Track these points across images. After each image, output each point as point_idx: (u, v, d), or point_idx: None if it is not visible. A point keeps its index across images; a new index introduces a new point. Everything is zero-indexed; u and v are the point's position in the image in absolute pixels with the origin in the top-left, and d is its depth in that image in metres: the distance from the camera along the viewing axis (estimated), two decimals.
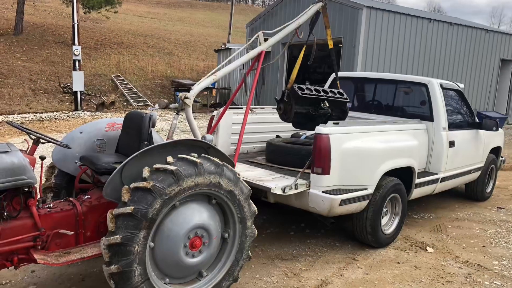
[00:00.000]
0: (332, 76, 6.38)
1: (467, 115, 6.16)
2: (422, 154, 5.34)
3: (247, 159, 5.40)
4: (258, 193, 4.27)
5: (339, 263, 4.42)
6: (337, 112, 5.01)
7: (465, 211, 6.39)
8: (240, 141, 4.34)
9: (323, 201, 4.16)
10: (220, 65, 4.73)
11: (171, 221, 3.08)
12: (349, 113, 5.30)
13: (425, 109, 5.59)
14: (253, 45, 4.80)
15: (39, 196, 3.24)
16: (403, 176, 4.92)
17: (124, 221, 2.83)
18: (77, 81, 15.54)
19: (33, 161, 3.06)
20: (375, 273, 4.23)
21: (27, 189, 2.96)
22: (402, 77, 6.19)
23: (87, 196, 3.45)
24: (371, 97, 6.50)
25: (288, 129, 5.86)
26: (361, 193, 4.40)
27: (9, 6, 26.16)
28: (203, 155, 3.23)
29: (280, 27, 4.95)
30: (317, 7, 4.99)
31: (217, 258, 3.47)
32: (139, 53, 24.03)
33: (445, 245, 5.02)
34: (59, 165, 3.98)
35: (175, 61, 23.80)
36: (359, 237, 4.80)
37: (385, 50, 14.00)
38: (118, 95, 17.95)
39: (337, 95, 4.99)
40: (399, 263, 4.50)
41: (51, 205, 3.24)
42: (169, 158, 3.06)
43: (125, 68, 20.93)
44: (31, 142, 3.31)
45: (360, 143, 4.47)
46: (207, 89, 17.37)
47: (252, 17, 21.98)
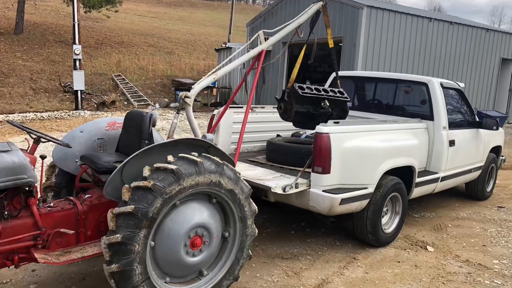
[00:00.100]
0: (332, 75, 6.38)
1: (467, 114, 6.16)
2: (422, 153, 5.34)
3: (248, 158, 5.40)
4: (258, 192, 4.27)
5: (340, 262, 4.43)
6: (337, 111, 5.01)
7: (465, 210, 6.39)
8: (240, 140, 4.34)
9: (323, 200, 4.16)
10: (220, 64, 4.73)
11: (171, 220, 3.08)
12: (350, 112, 5.29)
13: (425, 108, 5.59)
14: (253, 44, 4.79)
15: (39, 195, 3.25)
16: (403, 175, 4.92)
17: (124, 220, 2.84)
18: (78, 80, 15.57)
19: (34, 160, 3.06)
20: (375, 272, 4.23)
21: (27, 188, 2.96)
22: (402, 76, 6.20)
23: (87, 195, 3.45)
24: (372, 96, 6.50)
25: (288, 128, 5.86)
26: (362, 192, 4.40)
27: (9, 5, 26.19)
28: (203, 154, 3.23)
29: (280, 26, 4.95)
30: (317, 6, 4.99)
31: (218, 257, 3.48)
32: (140, 52, 24.03)
33: (445, 244, 5.02)
34: (60, 164, 3.99)
35: (176, 60, 23.79)
36: (359, 236, 4.80)
37: (385, 49, 13.99)
38: (118, 94, 17.96)
39: (338, 94, 4.98)
40: (399, 262, 4.50)
41: (52, 204, 3.24)
42: (170, 157, 3.06)
43: (125, 67, 20.94)
44: (31, 141, 3.31)
45: (360, 142, 4.47)
46: (208, 88, 17.37)
47: (252, 16, 21.98)
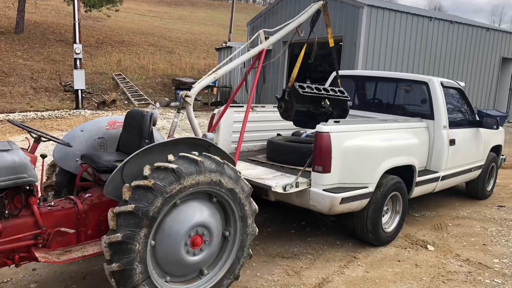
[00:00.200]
0: (333, 74, 6.38)
1: (467, 113, 6.16)
2: (422, 152, 5.33)
3: (248, 157, 5.40)
4: (259, 191, 4.28)
5: (340, 261, 4.43)
6: (338, 110, 5.01)
7: (465, 209, 6.39)
8: (241, 139, 4.34)
9: (323, 199, 4.16)
10: (221, 64, 4.72)
11: (172, 219, 3.08)
12: (350, 112, 5.29)
13: (425, 108, 5.59)
14: (254, 44, 4.80)
15: (40, 194, 3.24)
16: (404, 174, 4.92)
17: (125, 219, 2.84)
18: (78, 80, 15.58)
19: (34, 159, 3.06)
20: (375, 271, 4.24)
21: (28, 187, 2.96)
22: (402, 76, 6.20)
23: (88, 194, 3.46)
24: (372, 95, 6.50)
25: (289, 128, 5.86)
26: (362, 191, 4.40)
27: (10, 4, 26.18)
28: (204, 153, 3.23)
29: (281, 26, 4.95)
30: (318, 5, 4.99)
31: (218, 256, 3.48)
32: (140, 52, 24.03)
33: (445, 243, 5.02)
34: (60, 164, 3.99)
35: (176, 60, 23.79)
36: (360, 235, 4.80)
37: (385, 48, 13.99)
38: (119, 93, 17.97)
39: (338, 93, 4.98)
40: (399, 261, 4.50)
41: (52, 203, 3.24)
42: (170, 156, 3.06)
43: (126, 66, 20.95)
44: (32, 140, 3.31)
45: (361, 142, 4.47)
46: (208, 87, 17.35)
47: (253, 15, 21.97)
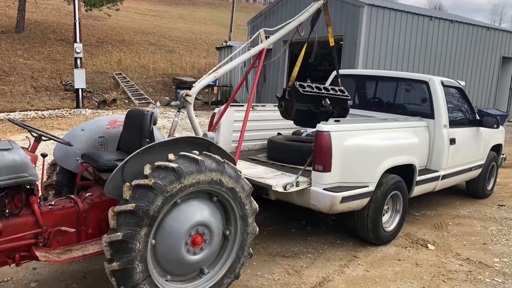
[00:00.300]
0: (333, 73, 6.38)
1: (468, 112, 6.15)
2: (423, 151, 5.33)
3: (249, 156, 5.40)
4: (259, 190, 4.28)
5: (340, 260, 4.43)
6: (338, 109, 5.01)
7: (466, 208, 6.39)
8: (241, 138, 4.34)
9: (324, 198, 4.16)
10: (221, 63, 4.72)
11: (172, 218, 3.08)
12: (350, 111, 5.29)
13: (426, 107, 5.59)
14: (254, 43, 4.80)
15: (40, 193, 3.25)
16: (404, 173, 4.92)
17: (125, 219, 2.84)
18: (79, 79, 15.58)
19: (35, 159, 3.06)
20: (376, 270, 4.24)
21: (28, 187, 2.97)
22: (403, 75, 6.19)
23: (88, 193, 3.46)
24: (372, 94, 6.50)
25: (289, 127, 5.85)
26: (362, 190, 4.40)
27: (10, 3, 26.18)
28: (204, 152, 3.23)
29: (281, 25, 4.95)
30: (318, 4, 4.98)
31: (219, 255, 3.48)
32: (141, 51, 24.03)
33: (446, 243, 5.03)
34: (61, 163, 3.99)
35: (177, 59, 23.79)
36: (360, 235, 4.80)
37: (386, 47, 13.98)
38: (119, 92, 17.97)
39: (338, 92, 4.98)
40: (400, 260, 4.50)
41: (53, 203, 3.25)
42: (171, 155, 3.06)
43: (126, 65, 20.95)
44: (32, 139, 3.31)
45: (361, 141, 4.47)
46: (209, 86, 17.37)
47: (253, 14, 21.97)
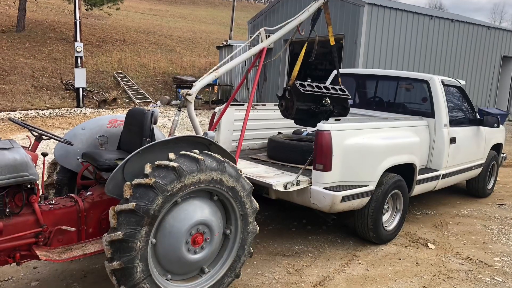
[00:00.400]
0: (333, 72, 6.38)
1: (468, 111, 6.15)
2: (423, 150, 5.33)
3: (249, 155, 5.40)
4: (259, 189, 4.28)
5: (341, 259, 4.43)
6: (338, 108, 5.01)
7: (466, 207, 6.39)
8: (241, 137, 4.33)
9: (324, 197, 4.16)
10: (221, 62, 4.72)
11: (173, 217, 3.09)
12: (351, 110, 5.29)
13: (426, 106, 5.59)
14: (254, 42, 4.79)
15: (41, 192, 3.25)
16: (404, 172, 4.92)
17: (126, 218, 2.84)
18: (79, 78, 15.59)
19: (35, 158, 3.07)
20: (376, 269, 4.24)
21: (29, 186, 2.97)
22: (403, 74, 6.19)
23: (89, 192, 3.46)
24: (373, 93, 6.50)
25: (289, 126, 5.86)
26: (363, 189, 4.40)
27: (11, 3, 26.19)
28: (204, 151, 3.23)
29: (281, 24, 4.94)
30: (318, 4, 4.98)
31: (219, 254, 3.48)
32: (141, 50, 24.03)
33: (446, 242, 5.03)
34: (61, 162, 4.00)
35: (177, 58, 23.78)
36: (360, 234, 4.80)
37: (386, 47, 13.97)
38: (120, 91, 17.97)
39: (339, 91, 4.98)
40: (400, 259, 4.51)
41: (53, 202, 3.25)
42: (171, 154, 3.06)
43: (127, 64, 20.95)
44: (33, 138, 3.31)
45: (361, 140, 4.47)
46: (209, 85, 17.37)
47: (253, 14, 21.96)
